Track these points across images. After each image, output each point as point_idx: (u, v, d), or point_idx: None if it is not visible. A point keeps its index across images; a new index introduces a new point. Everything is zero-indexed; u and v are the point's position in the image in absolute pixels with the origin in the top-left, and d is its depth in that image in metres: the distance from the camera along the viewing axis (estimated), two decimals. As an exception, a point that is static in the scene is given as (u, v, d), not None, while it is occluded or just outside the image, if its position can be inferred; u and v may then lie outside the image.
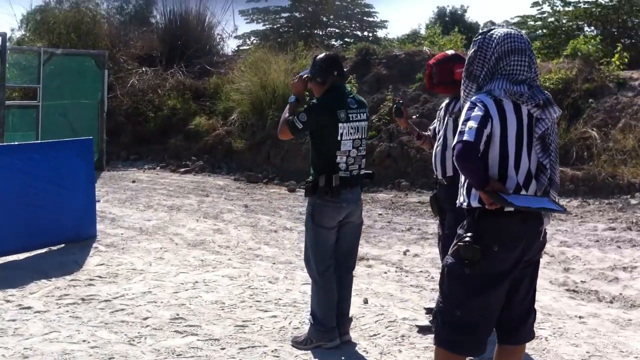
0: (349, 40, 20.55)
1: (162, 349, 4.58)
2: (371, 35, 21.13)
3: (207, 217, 9.23)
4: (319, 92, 4.68)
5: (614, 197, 9.79)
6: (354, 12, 21.28)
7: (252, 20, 21.20)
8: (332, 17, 21.02)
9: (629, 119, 10.98)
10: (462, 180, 3.32)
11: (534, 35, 17.44)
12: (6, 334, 4.77)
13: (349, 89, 4.85)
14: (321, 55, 4.79)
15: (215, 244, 7.77)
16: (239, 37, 20.97)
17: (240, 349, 4.62)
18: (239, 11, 22.56)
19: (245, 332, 4.91)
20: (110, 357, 4.42)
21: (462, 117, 3.21)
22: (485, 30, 3.43)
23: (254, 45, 19.03)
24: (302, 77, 4.73)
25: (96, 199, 8.17)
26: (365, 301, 5.64)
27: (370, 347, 4.70)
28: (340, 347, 4.63)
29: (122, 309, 5.36)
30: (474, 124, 3.12)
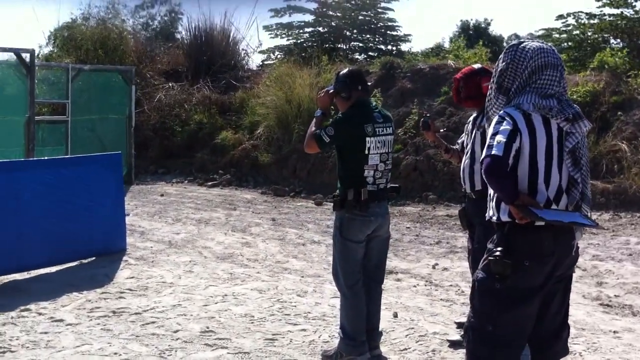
0: (372, 54, 20.56)
1: (193, 362, 4.61)
2: (395, 49, 21.11)
3: (235, 231, 9.27)
4: (343, 107, 4.69)
5: (645, 210, 9.68)
6: (378, 26, 21.30)
7: (276, 35, 21.30)
8: (356, 31, 21.05)
9: (659, 132, 10.88)
10: (492, 194, 3.30)
11: (559, 48, 17.33)
12: (39, 347, 4.83)
13: (374, 103, 4.86)
14: (344, 70, 4.80)
15: (243, 257, 7.81)
16: (263, 52, 21.06)
17: (270, 362, 4.63)
18: (263, 26, 22.68)
19: (275, 346, 4.92)
20: (141, 370, 4.46)
21: (490, 131, 3.18)
22: (516, 42, 3.39)
23: (279, 59, 19.11)
24: (328, 91, 4.75)
25: (125, 212, 8.26)
26: (395, 315, 5.62)
27: (400, 361, 4.68)
28: (370, 361, 4.62)
29: (153, 322, 5.40)
30: (502, 138, 3.10)
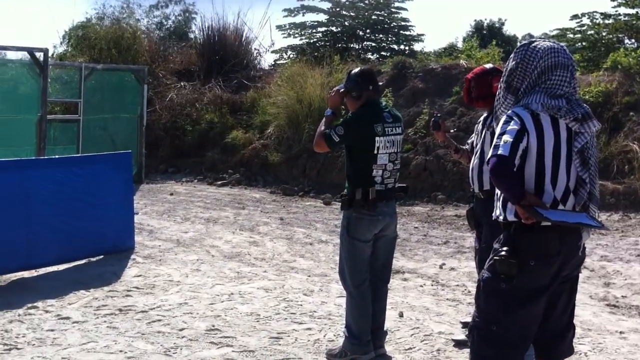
0: (385, 54, 20.52)
1: (197, 359, 4.61)
2: (407, 48, 21.07)
3: (243, 230, 9.28)
4: (353, 107, 4.68)
5: (656, 211, 9.60)
6: (391, 25, 21.26)
7: (289, 35, 21.31)
8: (369, 30, 21.02)
9: (671, 132, 10.79)
10: (498, 193, 3.28)
11: (573, 48, 17.23)
12: (45, 344, 4.85)
13: (384, 103, 4.85)
14: (356, 69, 4.79)
15: (251, 256, 7.81)
16: (275, 52, 21.08)
17: (275, 361, 4.63)
18: (276, 26, 22.78)
19: (280, 344, 4.92)
20: (146, 368, 4.47)
21: (498, 131, 3.17)
22: (527, 42, 3.36)
23: (291, 59, 19.13)
24: (339, 90, 4.74)
25: (134, 211, 8.28)
26: (400, 314, 5.60)
27: (405, 361, 4.66)
28: (375, 361, 4.61)
29: (159, 320, 5.41)
30: (509, 138, 3.09)
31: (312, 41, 20.99)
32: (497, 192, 3.28)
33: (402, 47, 21.31)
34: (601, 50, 16.43)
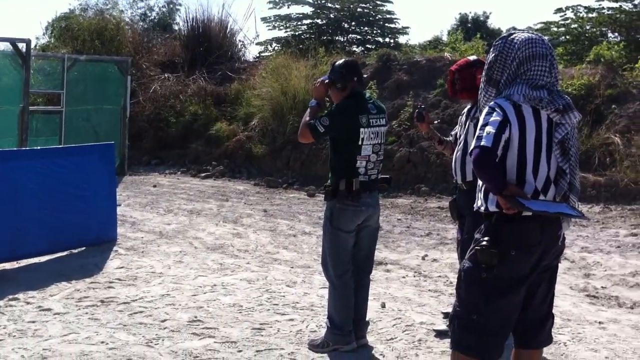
0: (370, 46, 20.51)
1: (179, 351, 4.60)
2: (392, 41, 21.07)
3: (226, 222, 9.26)
4: (338, 98, 4.68)
5: (636, 203, 9.68)
6: (376, 18, 21.24)
7: (274, 27, 21.24)
8: (354, 23, 21.00)
9: (652, 125, 10.87)
10: (480, 184, 3.30)
11: (556, 41, 17.32)
12: (26, 335, 4.83)
13: (368, 94, 4.85)
14: (340, 61, 4.79)
15: (234, 247, 7.80)
16: (260, 44, 21.02)
17: (257, 351, 4.62)
18: (260, 18, 22.76)
19: (262, 335, 4.92)
20: (128, 359, 4.45)
21: (480, 122, 3.20)
22: (506, 34, 3.40)
23: (275, 51, 19.08)
24: (323, 81, 4.73)
25: (117, 203, 8.24)
26: (382, 305, 5.62)
27: (387, 351, 4.68)
28: (357, 351, 4.62)
29: (141, 311, 5.40)
30: (491, 129, 3.11)
31: (297, 33, 20.95)
32: (479, 183, 3.31)
33: (387, 39, 21.33)
34: (584, 43, 16.53)
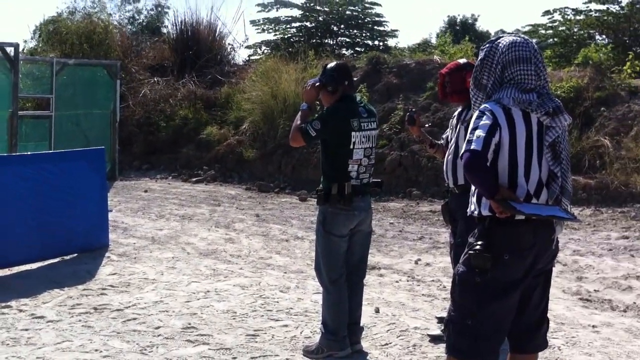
0: (359, 49, 20.53)
1: (173, 358, 4.59)
2: (382, 44, 21.09)
3: (218, 227, 9.25)
4: (328, 102, 4.68)
5: (627, 205, 9.74)
6: (365, 21, 21.27)
7: (263, 30, 21.21)
8: (343, 26, 21.02)
9: (642, 127, 10.93)
10: (473, 188, 3.31)
11: (545, 44, 17.41)
12: (19, 344, 4.80)
13: (359, 98, 4.85)
14: (332, 64, 4.79)
15: (226, 253, 7.79)
16: (250, 47, 20.98)
17: (251, 358, 4.62)
18: (249, 21, 22.64)
19: (256, 342, 4.91)
20: (122, 366, 4.44)
21: (471, 126, 3.21)
22: (493, 38, 3.42)
23: (265, 54, 19.08)
24: (314, 84, 4.73)
25: (108, 208, 8.21)
26: (376, 310, 5.63)
27: (381, 357, 4.69)
28: (351, 357, 4.62)
29: (134, 318, 5.38)
30: (481, 133, 3.12)
31: (286, 36, 20.93)
32: (472, 187, 3.32)
33: (376, 42, 21.35)
34: (572, 46, 16.65)
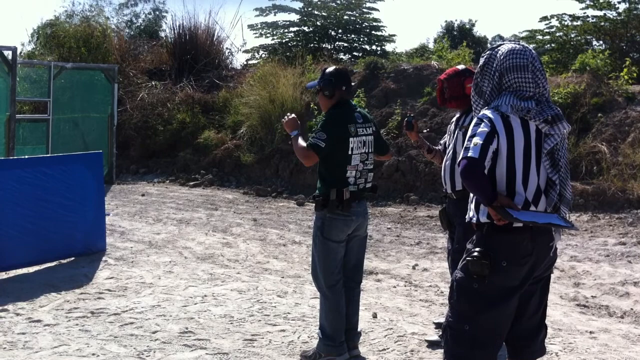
0: (357, 54, 20.55)
1: (171, 362, 4.58)
2: (379, 49, 21.13)
3: (216, 231, 9.24)
4: (326, 106, 4.70)
5: (624, 211, 9.75)
6: (362, 26, 21.30)
7: (261, 34, 21.23)
8: (341, 31, 21.05)
9: (639, 134, 10.95)
10: (472, 195, 3.32)
11: (542, 49, 17.44)
12: (16, 347, 4.79)
13: (354, 103, 4.86)
14: (331, 69, 4.79)
15: (224, 257, 7.78)
16: (247, 51, 21.01)
17: (249, 363, 4.62)
18: (247, 25, 22.67)
19: (254, 346, 4.91)
20: (119, 371, 4.43)
21: (469, 133, 3.22)
22: (494, 45, 3.44)
23: (263, 59, 19.10)
24: (289, 116, 4.75)
25: (106, 212, 8.20)
26: (374, 315, 5.63)
27: (379, 362, 4.69)
28: (349, 362, 4.62)
29: (131, 323, 5.37)
30: (479, 140, 3.13)
31: (284, 41, 20.97)
32: (471, 194, 3.32)
33: (374, 47, 21.38)
34: (570, 51, 16.67)
